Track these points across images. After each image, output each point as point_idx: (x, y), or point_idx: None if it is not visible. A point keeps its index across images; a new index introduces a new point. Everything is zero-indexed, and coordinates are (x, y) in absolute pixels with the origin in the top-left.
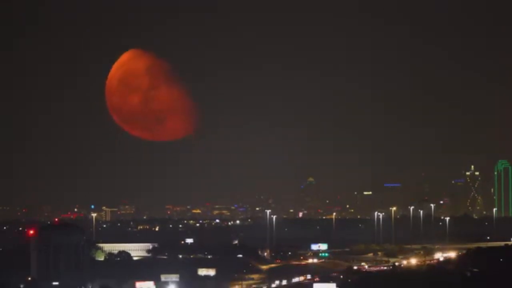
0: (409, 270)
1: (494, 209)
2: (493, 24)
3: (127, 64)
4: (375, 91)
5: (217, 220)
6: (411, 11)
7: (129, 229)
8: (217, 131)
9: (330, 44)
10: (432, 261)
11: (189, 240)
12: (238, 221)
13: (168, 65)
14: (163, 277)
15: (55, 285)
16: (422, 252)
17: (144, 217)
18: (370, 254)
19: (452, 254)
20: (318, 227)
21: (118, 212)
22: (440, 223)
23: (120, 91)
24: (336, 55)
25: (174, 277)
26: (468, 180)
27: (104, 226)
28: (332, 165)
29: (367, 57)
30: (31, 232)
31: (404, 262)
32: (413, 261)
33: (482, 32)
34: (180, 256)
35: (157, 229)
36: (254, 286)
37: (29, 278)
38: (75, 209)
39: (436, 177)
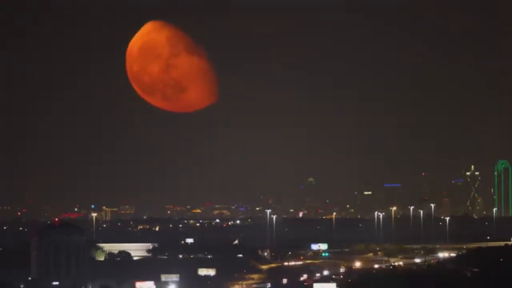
0: (409, 270)
1: (494, 209)
2: (493, 23)
3: (148, 35)
4: (374, 91)
5: (217, 220)
6: (411, 11)
7: (129, 229)
8: (217, 132)
9: (330, 44)
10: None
11: (189, 240)
12: (238, 221)
13: (189, 37)
14: (163, 277)
15: (55, 285)
16: (422, 252)
17: (144, 217)
18: (370, 254)
19: (452, 254)
20: (318, 227)
21: (118, 212)
22: (440, 223)
23: (140, 59)
24: (336, 55)
25: (174, 277)
26: (468, 180)
27: (104, 226)
28: (332, 165)
29: (366, 57)
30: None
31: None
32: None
33: (482, 32)
34: (180, 256)
35: (157, 229)
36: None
37: (30, 278)
38: (75, 209)
39: (436, 177)
